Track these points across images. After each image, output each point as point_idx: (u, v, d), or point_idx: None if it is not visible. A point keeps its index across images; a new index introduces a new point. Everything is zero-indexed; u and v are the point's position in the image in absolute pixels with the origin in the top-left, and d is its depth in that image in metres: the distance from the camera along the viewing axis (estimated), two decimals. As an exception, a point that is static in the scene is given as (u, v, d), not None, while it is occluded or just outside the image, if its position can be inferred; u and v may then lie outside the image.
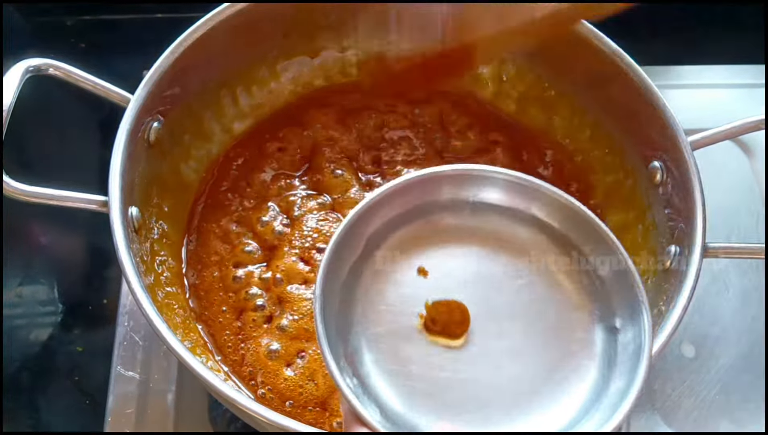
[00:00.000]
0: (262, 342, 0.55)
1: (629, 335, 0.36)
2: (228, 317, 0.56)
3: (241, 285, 0.57)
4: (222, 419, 0.60)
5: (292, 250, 0.58)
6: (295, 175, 0.63)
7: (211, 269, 0.58)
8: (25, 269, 0.70)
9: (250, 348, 0.55)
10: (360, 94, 0.68)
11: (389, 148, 0.65)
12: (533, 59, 0.65)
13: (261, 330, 0.56)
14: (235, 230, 0.60)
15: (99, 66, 0.58)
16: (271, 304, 0.57)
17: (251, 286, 0.57)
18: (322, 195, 0.62)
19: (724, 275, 0.69)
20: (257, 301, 0.57)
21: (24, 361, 0.65)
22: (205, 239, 0.60)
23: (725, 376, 0.64)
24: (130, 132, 0.53)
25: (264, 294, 0.57)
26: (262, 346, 0.55)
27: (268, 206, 0.61)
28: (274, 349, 0.55)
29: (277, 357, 0.54)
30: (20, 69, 0.53)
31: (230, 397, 0.44)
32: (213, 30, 0.59)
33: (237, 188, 0.62)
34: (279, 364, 0.54)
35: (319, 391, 0.53)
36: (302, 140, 0.65)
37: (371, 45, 0.69)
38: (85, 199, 0.51)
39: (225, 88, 0.65)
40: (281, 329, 0.55)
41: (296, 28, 0.66)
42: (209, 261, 0.59)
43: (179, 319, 0.55)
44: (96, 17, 0.84)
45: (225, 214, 0.61)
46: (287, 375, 0.54)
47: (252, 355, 0.55)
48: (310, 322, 0.55)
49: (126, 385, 0.60)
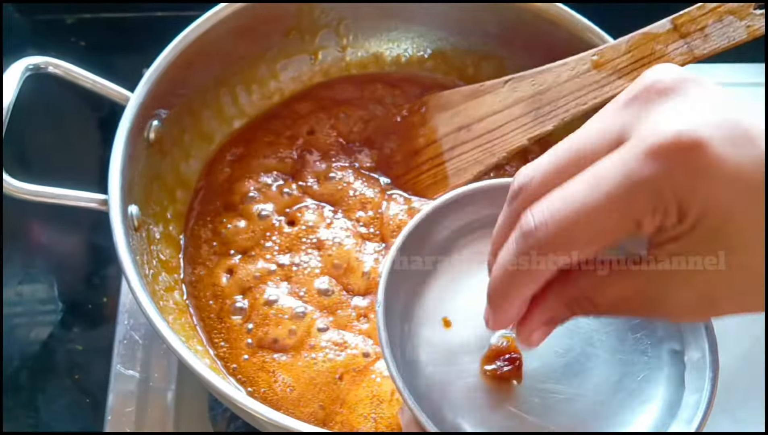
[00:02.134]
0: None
1: (694, 353, 0.36)
2: (226, 317, 0.56)
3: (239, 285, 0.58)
4: (222, 418, 0.60)
5: (292, 250, 0.58)
6: (293, 174, 0.63)
7: (210, 269, 0.58)
8: (25, 268, 0.70)
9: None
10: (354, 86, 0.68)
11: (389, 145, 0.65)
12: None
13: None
14: (232, 230, 0.60)
15: (99, 64, 0.58)
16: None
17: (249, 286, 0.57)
18: (320, 194, 0.62)
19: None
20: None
21: (24, 359, 0.65)
22: (203, 238, 0.60)
23: (725, 375, 0.64)
24: (130, 130, 0.53)
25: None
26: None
27: (267, 205, 0.61)
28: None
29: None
30: (20, 67, 0.53)
31: (230, 396, 0.44)
32: (213, 29, 0.59)
33: (235, 187, 0.62)
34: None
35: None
36: (301, 139, 0.65)
37: (371, 45, 0.69)
38: (85, 198, 0.51)
39: (225, 87, 0.65)
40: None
41: (296, 27, 0.66)
42: (208, 260, 0.59)
43: (179, 318, 0.55)
44: (96, 15, 0.84)
45: (223, 213, 0.61)
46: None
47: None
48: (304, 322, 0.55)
49: (126, 384, 0.60)
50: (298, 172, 0.63)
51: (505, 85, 0.59)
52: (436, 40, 0.70)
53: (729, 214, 0.27)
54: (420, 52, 0.70)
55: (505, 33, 0.66)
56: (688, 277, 0.29)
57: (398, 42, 0.70)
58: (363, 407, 0.51)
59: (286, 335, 0.54)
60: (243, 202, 0.61)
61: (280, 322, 0.55)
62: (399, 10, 0.68)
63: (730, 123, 0.27)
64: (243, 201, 0.61)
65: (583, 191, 0.28)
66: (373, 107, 0.67)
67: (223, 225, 0.60)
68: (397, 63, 0.71)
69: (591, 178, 0.29)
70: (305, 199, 0.61)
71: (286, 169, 0.63)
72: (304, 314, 0.55)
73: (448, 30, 0.69)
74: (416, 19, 0.69)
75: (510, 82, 0.59)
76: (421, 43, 0.70)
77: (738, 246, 0.28)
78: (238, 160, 0.64)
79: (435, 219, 0.38)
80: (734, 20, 0.50)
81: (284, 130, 0.66)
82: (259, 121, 0.67)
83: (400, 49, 0.70)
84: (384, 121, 0.66)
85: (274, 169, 0.63)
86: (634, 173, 0.27)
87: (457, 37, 0.69)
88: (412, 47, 0.70)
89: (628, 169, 0.27)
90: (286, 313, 0.55)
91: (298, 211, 0.60)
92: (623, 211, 0.28)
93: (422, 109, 0.64)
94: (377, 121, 0.66)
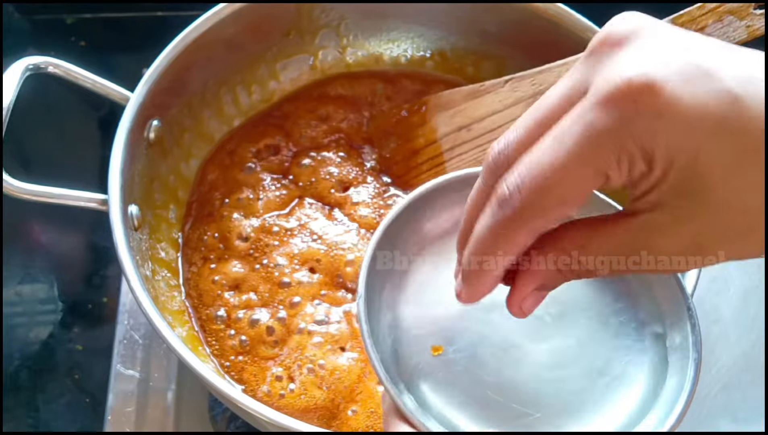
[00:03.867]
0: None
1: (676, 335, 0.36)
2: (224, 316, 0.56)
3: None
4: (222, 418, 0.60)
5: (292, 250, 0.58)
6: (292, 173, 0.63)
7: (209, 269, 0.58)
8: (24, 267, 0.70)
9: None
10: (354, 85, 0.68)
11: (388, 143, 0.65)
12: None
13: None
14: (231, 229, 0.60)
15: (99, 64, 0.58)
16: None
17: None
18: (319, 194, 0.62)
19: (724, 274, 0.69)
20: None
21: (24, 359, 0.65)
22: (201, 238, 0.60)
23: (726, 375, 0.64)
24: (130, 130, 0.53)
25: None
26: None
27: (266, 204, 0.61)
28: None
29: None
30: (20, 67, 0.53)
31: (230, 396, 0.44)
32: (213, 29, 0.59)
33: (234, 187, 0.62)
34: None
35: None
36: (301, 139, 0.65)
37: (371, 45, 0.69)
38: (85, 198, 0.51)
39: (225, 87, 0.65)
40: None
41: (296, 27, 0.66)
42: (207, 260, 0.59)
43: (178, 318, 0.55)
44: (96, 15, 0.84)
45: (220, 213, 0.61)
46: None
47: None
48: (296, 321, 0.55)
49: (126, 384, 0.60)
50: (297, 171, 0.63)
51: (506, 85, 0.59)
52: (436, 40, 0.70)
53: (695, 153, 0.26)
54: (420, 52, 0.70)
55: (505, 33, 0.66)
56: (671, 225, 0.29)
57: (398, 42, 0.70)
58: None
59: (279, 333, 0.54)
60: (241, 201, 0.61)
61: (275, 321, 0.55)
62: (399, 10, 0.68)
63: (682, 62, 0.27)
64: (242, 200, 0.61)
65: (548, 152, 0.28)
66: (373, 107, 0.67)
67: (221, 225, 0.60)
68: (397, 63, 0.71)
69: (554, 137, 0.28)
70: (304, 198, 0.61)
71: (285, 168, 0.63)
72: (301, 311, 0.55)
73: (448, 30, 0.69)
74: (416, 19, 0.69)
75: (510, 82, 0.59)
76: (421, 43, 0.70)
77: (712, 185, 0.27)
78: (237, 159, 0.64)
79: (419, 206, 0.37)
80: (734, 20, 0.50)
81: (283, 129, 0.66)
82: (258, 121, 0.67)
83: (400, 49, 0.70)
84: (384, 121, 0.66)
85: (272, 168, 0.63)
86: (592, 125, 0.27)
87: (457, 37, 0.69)
88: (412, 47, 0.70)
89: (586, 122, 0.27)
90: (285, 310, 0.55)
91: (296, 210, 0.60)
92: (588, 165, 0.27)
93: (422, 109, 0.64)
94: (377, 121, 0.66)
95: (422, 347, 0.36)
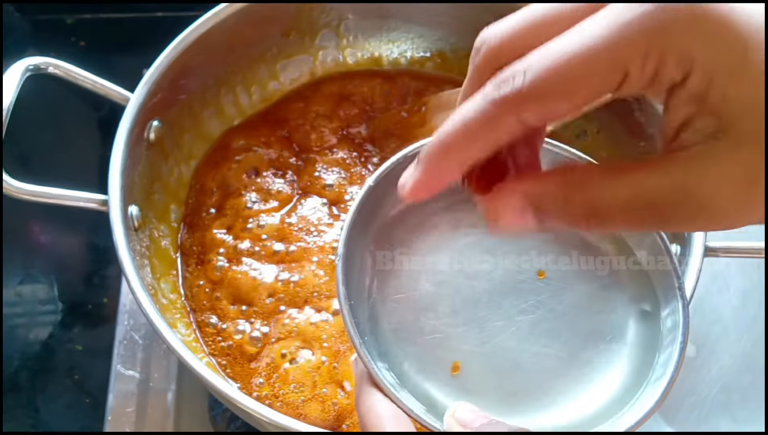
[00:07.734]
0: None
1: (665, 312, 0.35)
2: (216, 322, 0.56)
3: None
4: (222, 418, 0.60)
5: (291, 251, 0.58)
6: (292, 172, 0.63)
7: (209, 268, 0.58)
8: (24, 268, 0.70)
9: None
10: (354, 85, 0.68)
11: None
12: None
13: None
14: (231, 229, 0.60)
15: (99, 65, 0.58)
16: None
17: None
18: (319, 193, 0.62)
19: (724, 274, 0.69)
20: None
21: (24, 360, 0.65)
22: (200, 238, 0.60)
23: (726, 375, 0.64)
24: (130, 131, 0.53)
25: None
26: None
27: (265, 204, 0.61)
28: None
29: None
30: (20, 68, 0.53)
31: (230, 396, 0.44)
32: (213, 29, 0.59)
33: (234, 187, 0.62)
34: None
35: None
36: (301, 138, 0.65)
37: (371, 45, 0.69)
38: (85, 198, 0.51)
39: (225, 87, 0.65)
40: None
41: (296, 27, 0.66)
42: (206, 260, 0.59)
43: (178, 318, 0.55)
44: (96, 16, 0.84)
45: (220, 212, 0.61)
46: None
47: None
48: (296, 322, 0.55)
49: (126, 384, 0.60)
50: (297, 170, 0.63)
51: None
52: (436, 40, 0.70)
53: (741, 62, 0.23)
54: (420, 52, 0.70)
55: (505, 33, 0.66)
56: (728, 157, 0.24)
57: (398, 42, 0.70)
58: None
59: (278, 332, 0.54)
60: (241, 201, 0.61)
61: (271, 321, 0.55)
62: (399, 11, 0.68)
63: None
64: (241, 200, 0.61)
65: (564, 42, 0.25)
66: (373, 107, 0.67)
67: (220, 225, 0.60)
68: (397, 63, 0.71)
69: (575, 31, 0.25)
70: (304, 197, 0.61)
71: (285, 167, 0.63)
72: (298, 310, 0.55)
73: (448, 30, 0.69)
74: (416, 19, 0.69)
75: (510, 82, 0.59)
76: (421, 43, 0.70)
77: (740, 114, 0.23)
78: (236, 159, 0.64)
79: (404, 168, 0.37)
80: None
81: (283, 129, 0.66)
82: (258, 120, 0.67)
83: (400, 50, 0.70)
84: (384, 122, 0.66)
85: (272, 167, 0.63)
86: (620, 11, 0.24)
87: (457, 37, 0.69)
88: (412, 47, 0.70)
89: (614, 11, 0.24)
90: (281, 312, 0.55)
91: (297, 209, 0.60)
92: (607, 52, 0.24)
93: (422, 109, 0.64)
94: (378, 122, 0.66)
95: (401, 313, 0.35)
